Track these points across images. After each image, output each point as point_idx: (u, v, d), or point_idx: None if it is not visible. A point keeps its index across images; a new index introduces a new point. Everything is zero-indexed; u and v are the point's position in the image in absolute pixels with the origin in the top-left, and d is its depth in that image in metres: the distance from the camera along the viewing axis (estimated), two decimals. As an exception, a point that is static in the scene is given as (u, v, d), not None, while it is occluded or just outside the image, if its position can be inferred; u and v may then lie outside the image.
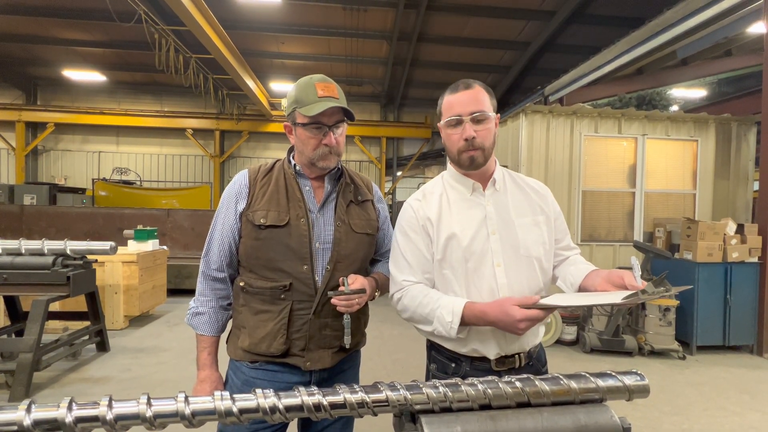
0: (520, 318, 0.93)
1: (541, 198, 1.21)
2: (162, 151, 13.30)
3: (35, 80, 12.67)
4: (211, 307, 1.20)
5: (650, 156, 4.72)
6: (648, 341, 3.98)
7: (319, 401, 0.57)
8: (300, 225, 1.14)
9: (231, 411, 0.55)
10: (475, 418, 0.59)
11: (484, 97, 1.11)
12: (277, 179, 1.20)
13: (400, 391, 0.59)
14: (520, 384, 0.62)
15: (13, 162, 12.74)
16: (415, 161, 13.13)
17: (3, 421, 0.51)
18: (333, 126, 1.16)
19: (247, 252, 1.16)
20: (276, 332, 1.12)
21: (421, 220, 1.15)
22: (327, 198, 1.21)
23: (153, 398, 0.55)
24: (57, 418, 0.52)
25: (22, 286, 3.10)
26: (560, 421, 0.60)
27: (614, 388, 0.64)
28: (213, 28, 7.07)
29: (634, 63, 6.86)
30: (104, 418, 0.52)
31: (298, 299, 1.14)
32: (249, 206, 1.16)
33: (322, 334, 1.16)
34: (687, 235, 4.15)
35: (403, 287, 1.13)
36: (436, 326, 1.05)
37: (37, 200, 8.40)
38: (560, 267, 1.21)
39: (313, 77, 1.18)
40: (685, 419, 2.77)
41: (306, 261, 1.13)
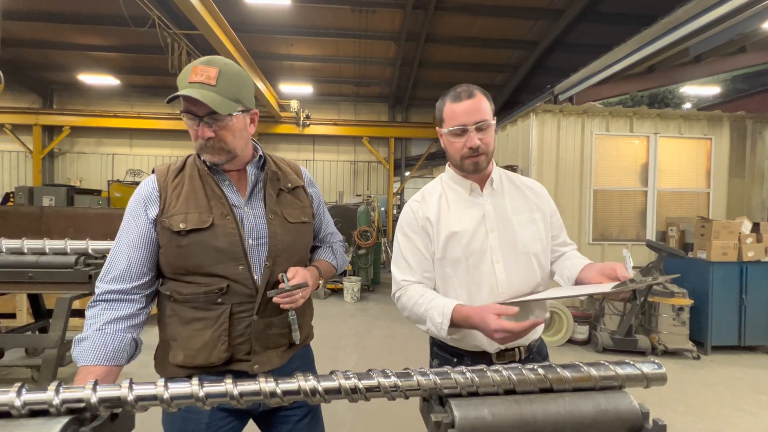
0: (494, 328, 0.95)
1: (537, 196, 1.25)
2: (173, 152, 13.52)
3: (52, 85, 12.99)
4: (97, 329, 0.95)
5: (663, 154, 4.68)
6: (661, 341, 3.95)
7: (355, 385, 0.61)
8: (226, 224, 1.03)
9: (315, 389, 0.59)
10: (501, 401, 0.62)
11: (486, 105, 1.14)
12: (191, 177, 1.07)
13: (430, 376, 0.63)
14: (543, 371, 0.65)
15: (30, 164, 13.07)
16: (423, 161, 13.15)
17: (72, 398, 0.56)
18: (207, 117, 0.99)
19: (170, 262, 1.03)
20: (216, 340, 1.01)
21: (421, 221, 1.19)
22: (253, 189, 1.10)
23: (206, 382, 0.60)
24: (120, 397, 0.57)
25: (47, 284, 3.19)
26: (581, 405, 0.63)
27: (633, 376, 0.67)
28: (224, 31, 7.19)
29: (646, 61, 6.77)
30: (162, 397, 0.57)
31: (237, 301, 1.03)
32: (163, 211, 1.03)
33: (268, 334, 1.07)
34: (701, 234, 4.11)
35: (402, 287, 1.17)
36: (429, 326, 1.09)
37: (55, 202, 8.62)
38: (557, 262, 1.25)
39: (200, 59, 1.02)
40: (699, 419, 2.75)
41: (241, 261, 1.03)
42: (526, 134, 4.64)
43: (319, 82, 11.70)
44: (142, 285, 1.02)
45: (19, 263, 3.12)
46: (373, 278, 6.89)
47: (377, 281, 7.11)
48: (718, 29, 5.44)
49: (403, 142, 13.27)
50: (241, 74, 1.06)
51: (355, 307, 5.69)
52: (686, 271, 4.26)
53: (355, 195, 12.96)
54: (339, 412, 2.73)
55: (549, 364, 0.66)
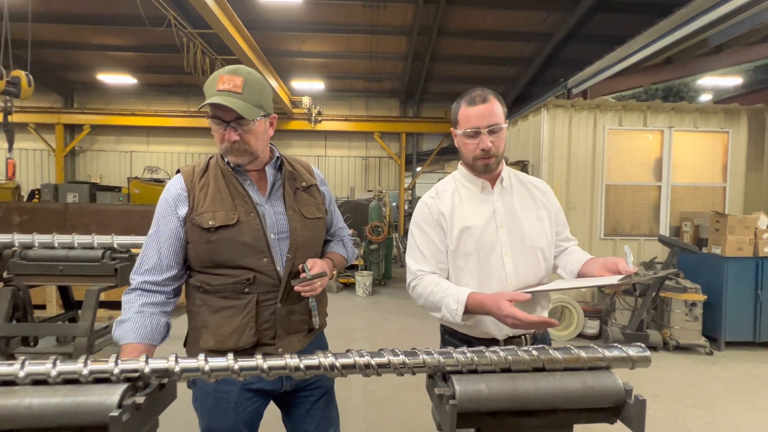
0: (506, 314, 1.05)
1: (543, 195, 1.33)
2: (189, 150, 13.81)
3: (72, 85, 13.38)
4: (136, 312, 1.07)
5: (677, 149, 4.62)
6: (673, 336, 3.94)
7: (368, 362, 0.69)
8: (250, 220, 1.12)
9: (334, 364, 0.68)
10: (497, 378, 0.69)
11: (498, 109, 1.21)
12: (216, 177, 1.16)
13: (434, 355, 0.70)
14: (536, 352, 0.72)
15: (53, 162, 13.55)
16: (435, 156, 13.13)
17: (129, 369, 0.65)
18: (233, 122, 1.08)
19: (199, 256, 1.12)
20: (244, 326, 1.11)
21: (435, 215, 1.27)
22: (272, 188, 1.20)
23: (239, 358, 0.69)
24: (168, 368, 0.66)
25: (76, 277, 3.37)
26: (570, 383, 0.70)
27: (619, 358, 0.73)
28: (237, 29, 7.31)
29: (663, 53, 6.63)
30: (203, 369, 0.67)
31: (262, 290, 1.13)
32: (193, 210, 1.11)
33: (291, 320, 1.17)
34: (715, 229, 4.06)
35: (418, 276, 1.26)
36: (444, 313, 1.17)
37: (78, 198, 8.95)
38: (560, 256, 1.33)
39: (225, 68, 1.11)
40: (709, 413, 2.77)
41: (265, 254, 1.13)
42: (538, 129, 4.64)
43: (331, 78, 11.77)
44: (172, 277, 1.14)
45: (50, 257, 3.31)
46: (385, 273, 6.98)
47: (389, 276, 7.21)
48: (740, 18, 5.28)
49: (414, 137, 13.27)
50: (262, 82, 1.15)
51: (367, 301, 5.80)
52: (700, 267, 4.23)
53: (366, 190, 13.04)
54: (353, 400, 2.84)
55: (542, 347, 0.73)
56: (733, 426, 2.61)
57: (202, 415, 1.16)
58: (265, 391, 1.19)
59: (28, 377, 0.63)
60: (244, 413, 1.15)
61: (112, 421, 0.59)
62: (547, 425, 0.70)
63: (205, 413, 1.15)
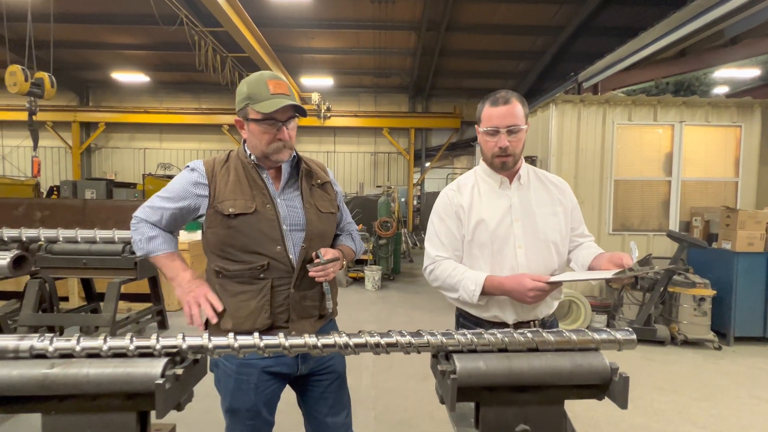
0: (530, 287, 1.15)
1: (560, 192, 1.40)
2: (201, 146, 14.03)
3: (87, 83, 13.68)
4: (160, 231, 1.25)
5: (688, 143, 4.58)
6: (681, 331, 3.95)
7: (378, 341, 0.77)
8: (267, 211, 1.21)
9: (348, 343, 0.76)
10: (494, 357, 0.77)
11: (519, 111, 1.29)
12: (236, 169, 1.25)
13: (437, 336, 0.78)
14: (531, 335, 0.79)
15: (69, 159, 13.90)
16: (443, 151, 13.11)
17: (169, 345, 0.74)
18: (285, 121, 1.20)
19: (220, 240, 1.21)
20: (260, 309, 1.19)
21: (455, 207, 1.37)
22: (285, 184, 1.29)
23: (263, 336, 0.78)
24: (203, 345, 0.75)
25: (98, 270, 3.53)
26: (561, 362, 0.77)
27: (607, 340, 0.80)
28: (248, 27, 7.41)
29: (676, 45, 6.51)
30: (233, 346, 0.75)
31: (277, 276, 1.22)
32: (214, 198, 1.21)
33: (303, 305, 1.26)
34: (726, 225, 4.04)
35: (435, 261, 1.37)
36: (461, 293, 1.28)
37: (96, 194, 9.22)
38: (574, 251, 1.40)
39: (264, 74, 1.21)
40: (714, 405, 2.80)
41: (279, 242, 1.21)
42: (546, 125, 4.64)
43: (340, 74, 11.82)
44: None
45: (74, 251, 3.47)
46: (394, 267, 7.06)
47: (397, 270, 7.29)
48: (757, 8, 5.17)
49: (423, 133, 13.27)
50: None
51: (376, 295, 5.90)
52: (710, 262, 4.21)
53: (375, 186, 13.11)
54: (363, 389, 2.94)
55: (536, 330, 0.80)
56: (738, 418, 2.63)
57: (225, 396, 1.26)
58: (283, 374, 1.28)
59: (83, 351, 0.72)
60: (264, 394, 1.25)
61: (157, 388, 0.68)
62: (539, 400, 0.77)
63: (228, 394, 1.24)
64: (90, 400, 0.71)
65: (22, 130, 13.52)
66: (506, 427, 0.76)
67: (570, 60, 9.71)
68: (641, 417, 2.63)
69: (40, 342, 0.72)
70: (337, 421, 1.36)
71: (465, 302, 1.30)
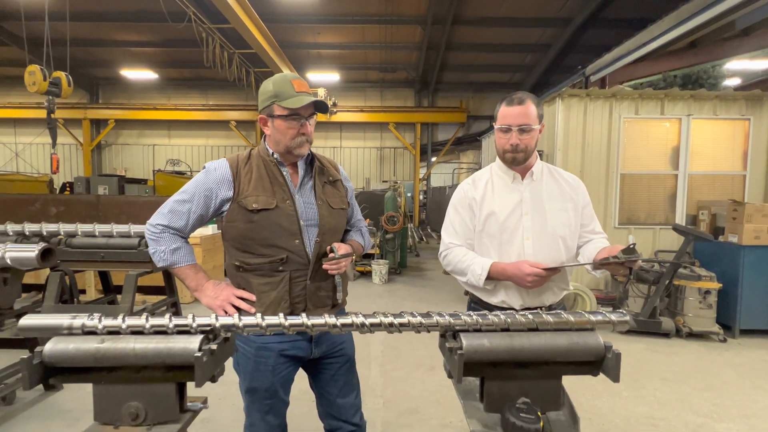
0: (528, 272, 1.26)
1: (572, 189, 1.49)
2: (208, 142, 14.19)
3: (97, 80, 13.86)
4: (183, 241, 1.30)
5: (696, 137, 4.57)
6: (686, 323, 3.98)
7: (392, 321, 0.85)
8: (286, 206, 1.29)
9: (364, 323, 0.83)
10: (498, 335, 0.84)
11: (532, 111, 1.38)
12: (258, 167, 1.32)
13: (445, 317, 0.85)
14: (531, 316, 0.86)
15: (81, 156, 14.15)
16: (450, 146, 13.09)
17: (204, 323, 0.83)
18: (308, 117, 1.30)
19: (242, 233, 1.27)
20: (279, 299, 1.27)
21: (469, 200, 1.49)
22: (302, 181, 1.36)
23: (288, 317, 0.86)
24: (234, 324, 0.84)
25: (115, 263, 3.66)
26: (558, 340, 0.84)
27: (602, 321, 0.87)
28: (255, 24, 7.47)
29: (687, 37, 6.43)
30: (261, 325, 0.84)
31: (294, 269, 1.29)
32: (238, 193, 1.27)
33: (318, 296, 1.34)
34: (733, 218, 4.05)
35: (449, 248, 1.50)
36: (469, 277, 1.40)
37: (108, 190, 9.41)
38: (584, 246, 1.48)
39: (287, 74, 1.31)
40: (716, 395, 2.84)
41: (297, 236, 1.29)
42: (552, 119, 4.66)
43: (346, 69, 11.84)
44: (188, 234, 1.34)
45: (92, 245, 3.60)
46: (400, 261, 7.15)
47: (404, 264, 7.37)
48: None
49: (429, 128, 13.26)
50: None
51: (383, 289, 5.99)
52: (717, 255, 4.22)
53: (381, 181, 13.16)
54: (372, 378, 3.03)
55: (537, 311, 0.87)
56: (740, 408, 2.68)
57: (244, 377, 1.35)
58: (297, 357, 1.37)
59: (128, 328, 0.81)
60: (280, 375, 1.34)
61: (196, 360, 0.76)
62: (539, 375, 0.85)
63: (247, 375, 1.33)
64: (135, 371, 0.79)
65: (34, 128, 13.79)
66: (508, 399, 0.83)
67: (578, 53, 9.63)
68: (644, 406, 2.69)
69: (90, 320, 0.81)
70: (347, 402, 1.45)
71: (472, 285, 1.41)
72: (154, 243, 1.28)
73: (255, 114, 13.16)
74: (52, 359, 0.77)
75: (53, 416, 2.45)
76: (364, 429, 1.51)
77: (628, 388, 2.90)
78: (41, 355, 0.77)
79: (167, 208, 1.29)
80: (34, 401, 2.63)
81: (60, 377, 0.80)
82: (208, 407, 0.88)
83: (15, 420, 2.41)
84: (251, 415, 1.35)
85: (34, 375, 0.75)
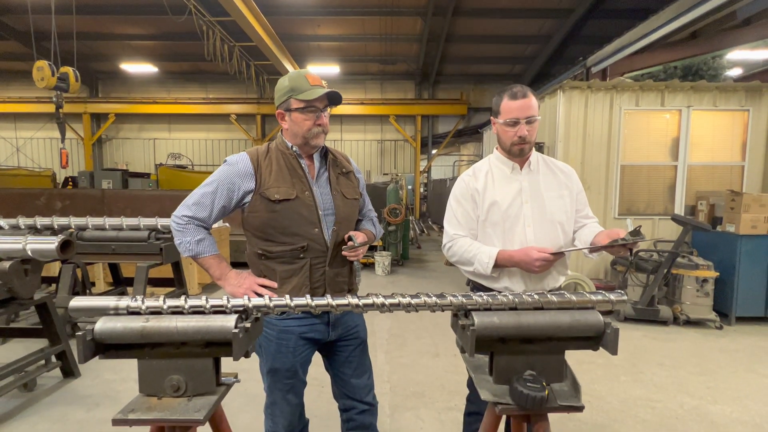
0: (536, 257, 1.33)
1: (566, 177, 1.56)
2: (209, 136, 14.19)
3: (97, 74, 13.80)
4: (207, 233, 1.36)
5: (695, 128, 4.62)
6: (684, 311, 4.08)
7: (409, 301, 0.93)
8: (306, 197, 1.36)
9: (384, 303, 0.91)
10: (506, 313, 0.92)
11: (535, 104, 1.45)
12: (278, 159, 1.38)
13: (458, 297, 0.93)
14: (537, 296, 0.94)
15: (82, 150, 14.16)
16: (450, 138, 13.11)
17: (238, 304, 0.91)
18: (323, 108, 1.37)
19: (263, 222, 1.34)
20: (301, 285, 1.35)
21: (470, 191, 1.54)
22: (318, 172, 1.43)
23: (314, 298, 0.94)
24: (266, 304, 0.91)
25: (125, 255, 3.75)
26: (561, 317, 0.92)
27: (601, 301, 0.95)
28: (255, 16, 7.45)
29: (688, 27, 6.44)
30: (290, 305, 0.91)
31: (314, 256, 1.37)
32: (260, 185, 1.34)
33: (336, 281, 1.42)
34: (731, 208, 4.12)
35: (453, 239, 1.55)
36: (476, 266, 1.46)
37: (112, 184, 9.46)
38: (579, 231, 1.57)
39: (301, 71, 1.38)
40: (711, 379, 2.95)
41: (316, 225, 1.36)
42: (553, 111, 4.70)
43: (346, 61, 11.81)
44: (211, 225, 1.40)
45: (103, 237, 3.68)
46: (403, 253, 7.24)
47: (406, 256, 7.47)
48: (771, -12, 5.10)
49: (429, 120, 13.26)
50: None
51: (386, 280, 6.09)
52: (714, 245, 4.31)
53: (382, 173, 13.20)
54: (378, 364, 3.13)
55: (542, 292, 0.94)
56: (734, 391, 2.78)
57: (266, 358, 1.43)
58: (315, 340, 1.46)
59: (169, 309, 0.88)
60: (300, 356, 1.42)
61: (234, 336, 0.84)
62: (544, 350, 0.93)
63: (269, 356, 1.42)
64: (176, 347, 0.87)
65: (35, 122, 13.78)
66: (515, 372, 0.91)
67: (579, 44, 9.61)
68: (641, 390, 2.79)
69: (134, 302, 0.88)
70: (360, 382, 1.54)
71: (479, 274, 1.47)
72: (180, 234, 1.34)
73: (255, 107, 13.15)
74: (102, 336, 0.84)
75: (73, 402, 2.55)
76: (376, 408, 1.60)
77: (627, 373, 3.00)
78: (93, 332, 0.84)
79: (192, 200, 1.35)
80: (54, 388, 2.73)
81: (108, 353, 0.88)
82: (240, 381, 0.96)
83: (36, 406, 2.51)
84: (273, 393, 1.44)
85: (88, 350, 0.83)
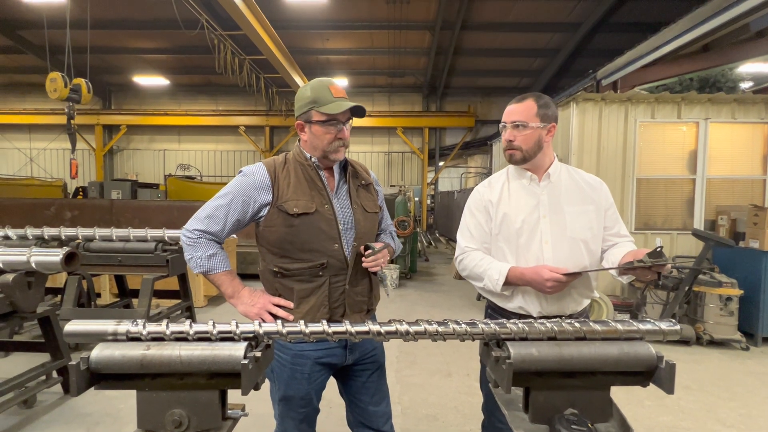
0: (547, 278, 1.21)
1: (593, 191, 1.42)
2: (218, 147, 14.33)
3: (109, 87, 14.10)
4: (219, 247, 1.27)
5: (714, 141, 4.50)
6: (707, 331, 3.90)
7: (437, 329, 0.83)
8: (325, 210, 1.27)
9: (408, 330, 0.83)
10: (545, 344, 0.82)
11: (530, 109, 1.34)
12: (296, 171, 1.30)
13: (491, 325, 0.84)
14: (579, 324, 0.84)
15: (93, 161, 14.37)
16: (457, 150, 13.08)
17: (247, 330, 0.82)
18: (345, 121, 1.29)
19: (280, 237, 1.25)
20: (319, 305, 1.26)
21: (484, 202, 1.44)
22: (337, 185, 1.35)
23: (331, 324, 0.85)
24: (278, 331, 0.83)
25: (132, 267, 3.69)
26: (608, 349, 0.82)
27: (652, 331, 0.84)
28: (266, 30, 7.55)
29: (700, 40, 6.38)
30: (304, 332, 0.83)
31: (333, 274, 1.28)
32: (278, 198, 1.25)
33: (356, 300, 1.33)
34: (754, 223, 3.97)
35: (465, 251, 1.45)
36: (486, 282, 1.35)
37: (122, 195, 9.53)
38: (609, 250, 1.41)
39: (324, 80, 1.29)
40: (742, 405, 2.77)
41: (336, 240, 1.27)
42: (567, 123, 4.62)
43: (354, 74, 11.92)
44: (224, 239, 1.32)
45: (110, 249, 3.63)
46: (411, 266, 7.12)
47: (414, 269, 7.34)
48: (784, 1, 5.02)
49: (437, 132, 13.27)
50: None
51: (394, 293, 5.96)
52: (737, 261, 4.14)
53: (389, 185, 13.17)
54: (388, 383, 3.00)
55: (584, 320, 0.85)
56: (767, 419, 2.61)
57: (279, 385, 1.32)
58: (331, 365, 1.35)
59: (172, 335, 0.80)
60: (315, 383, 1.32)
61: (243, 368, 0.75)
62: (587, 386, 0.82)
63: (283, 382, 1.31)
64: (179, 378, 0.79)
65: (49, 133, 14.05)
66: (555, 410, 0.81)
67: (588, 56, 9.60)
68: (668, 415, 2.63)
69: (135, 326, 0.81)
70: (378, 410, 1.43)
71: (489, 291, 1.36)
72: (190, 249, 1.26)
73: (264, 119, 13.28)
74: (98, 365, 0.76)
75: (72, 421, 2.46)
76: None
77: (651, 397, 2.84)
78: (88, 361, 0.77)
79: (204, 212, 1.27)
80: (54, 405, 2.64)
81: (104, 383, 0.79)
82: (248, 415, 0.87)
83: (36, 423, 2.43)
84: (284, 422, 1.33)
85: (81, 381, 0.75)
